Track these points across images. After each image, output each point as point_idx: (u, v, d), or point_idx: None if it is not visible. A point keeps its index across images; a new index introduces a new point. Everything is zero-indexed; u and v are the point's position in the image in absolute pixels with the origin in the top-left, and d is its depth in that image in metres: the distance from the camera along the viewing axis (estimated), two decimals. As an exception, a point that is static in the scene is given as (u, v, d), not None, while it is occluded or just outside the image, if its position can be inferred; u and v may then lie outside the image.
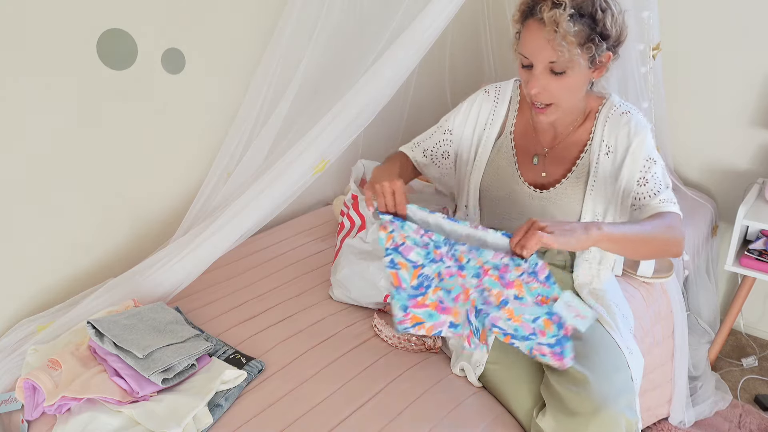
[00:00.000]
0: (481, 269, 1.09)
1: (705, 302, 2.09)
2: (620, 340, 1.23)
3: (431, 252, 1.13)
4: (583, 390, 1.08)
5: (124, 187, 1.55)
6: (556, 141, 1.34)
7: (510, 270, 1.06)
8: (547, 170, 1.34)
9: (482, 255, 1.08)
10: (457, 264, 1.12)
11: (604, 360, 1.15)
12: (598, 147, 1.28)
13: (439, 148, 1.43)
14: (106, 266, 1.57)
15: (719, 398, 1.89)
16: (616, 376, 1.13)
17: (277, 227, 1.91)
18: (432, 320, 1.17)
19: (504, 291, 1.08)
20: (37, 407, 1.13)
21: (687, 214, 2.01)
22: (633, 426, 1.09)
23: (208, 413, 1.13)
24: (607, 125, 1.28)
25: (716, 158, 2.16)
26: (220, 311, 1.47)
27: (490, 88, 1.41)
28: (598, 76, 1.23)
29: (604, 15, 1.14)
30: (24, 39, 1.25)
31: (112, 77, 1.42)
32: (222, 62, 1.66)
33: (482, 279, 1.09)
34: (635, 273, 1.62)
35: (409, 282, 1.14)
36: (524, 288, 1.06)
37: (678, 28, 2.06)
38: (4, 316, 1.39)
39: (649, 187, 1.24)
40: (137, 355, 1.16)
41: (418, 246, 1.13)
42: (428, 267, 1.14)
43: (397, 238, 1.14)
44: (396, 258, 1.13)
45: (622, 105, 1.30)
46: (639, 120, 1.27)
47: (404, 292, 1.15)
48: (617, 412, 1.06)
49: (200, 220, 1.58)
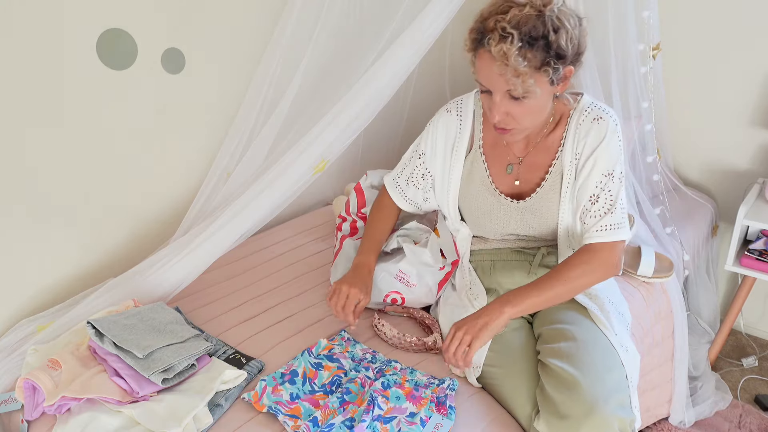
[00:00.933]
0: (399, 382, 1.19)
1: (705, 302, 2.09)
2: (614, 339, 1.22)
3: (361, 364, 1.25)
4: (573, 392, 1.08)
5: (124, 187, 1.55)
6: (528, 148, 1.32)
7: (428, 389, 1.18)
8: (521, 178, 1.33)
9: (413, 374, 1.23)
10: (376, 376, 1.21)
11: (596, 360, 1.15)
12: (569, 154, 1.27)
13: (418, 172, 1.44)
14: (106, 266, 1.57)
15: (719, 398, 1.89)
16: (608, 376, 1.12)
17: (276, 227, 1.91)
18: (305, 419, 1.12)
19: (402, 405, 1.13)
20: (37, 407, 1.13)
21: (687, 214, 2.02)
22: (627, 425, 1.08)
23: (208, 413, 1.13)
24: (577, 132, 1.26)
25: (716, 158, 2.16)
26: (220, 311, 1.47)
27: (451, 106, 1.39)
28: (562, 89, 1.20)
29: (557, 35, 1.09)
30: (24, 38, 1.25)
31: (111, 77, 1.42)
32: (222, 62, 1.66)
33: (389, 390, 1.16)
34: (635, 272, 1.61)
35: (324, 379, 1.22)
36: (425, 408, 1.13)
37: (678, 28, 2.06)
38: (5, 316, 1.39)
39: (598, 207, 1.25)
40: (137, 355, 1.16)
41: (353, 359, 1.27)
42: (349, 374, 1.23)
43: (337, 350, 1.28)
44: (323, 362, 1.25)
45: (594, 109, 1.26)
46: (608, 127, 1.23)
47: (308, 385, 1.20)
48: (609, 413, 1.05)
49: (200, 220, 1.58)
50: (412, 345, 1.33)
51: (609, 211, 1.24)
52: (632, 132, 1.85)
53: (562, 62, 1.13)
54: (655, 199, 1.93)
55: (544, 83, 1.14)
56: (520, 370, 1.20)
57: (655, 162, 1.91)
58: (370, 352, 1.30)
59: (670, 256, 1.73)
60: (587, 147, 1.25)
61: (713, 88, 2.09)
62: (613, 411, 1.06)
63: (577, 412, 1.06)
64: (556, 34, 1.10)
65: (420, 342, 1.33)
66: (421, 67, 1.54)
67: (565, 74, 1.17)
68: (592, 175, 1.25)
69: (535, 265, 1.36)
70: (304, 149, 1.45)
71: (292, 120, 1.66)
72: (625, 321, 1.34)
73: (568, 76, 1.18)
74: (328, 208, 2.06)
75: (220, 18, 1.61)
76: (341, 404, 1.14)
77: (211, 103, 1.68)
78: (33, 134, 1.33)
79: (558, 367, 1.13)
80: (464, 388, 1.25)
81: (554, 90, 1.19)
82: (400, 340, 1.33)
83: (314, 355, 1.27)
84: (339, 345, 1.31)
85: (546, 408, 1.11)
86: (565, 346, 1.18)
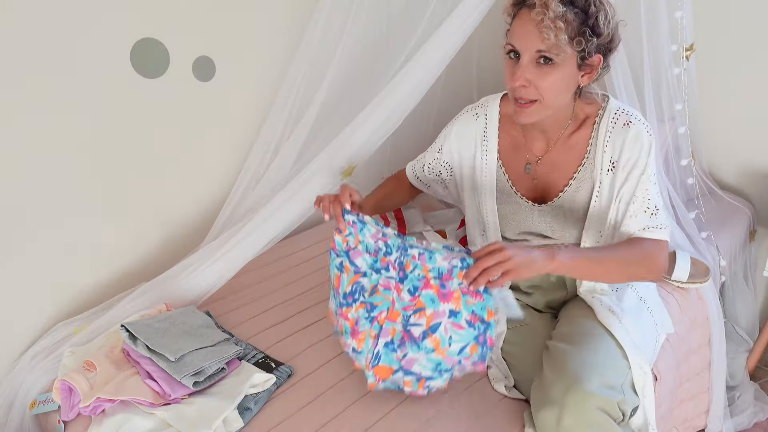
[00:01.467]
0: (423, 279, 1.10)
1: (743, 309, 2.03)
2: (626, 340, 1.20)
3: (378, 261, 1.15)
4: (559, 367, 1.10)
5: (157, 193, 1.58)
6: (548, 146, 1.30)
7: (453, 277, 1.07)
8: (539, 177, 1.31)
9: (433, 259, 1.09)
10: (399, 275, 1.13)
11: (591, 342, 1.16)
12: (600, 159, 1.24)
13: (435, 167, 1.45)
14: (140, 271, 1.60)
15: (758, 409, 1.83)
16: (596, 355, 1.13)
17: (305, 232, 1.92)
18: (345, 337, 1.18)
19: (439, 308, 1.07)
20: (72, 408, 1.16)
21: (723, 219, 1.96)
22: (613, 405, 1.06)
23: (238, 416, 1.14)
24: (609, 139, 1.23)
25: (753, 161, 2.10)
26: (249, 315, 1.48)
27: (477, 108, 1.38)
28: (587, 80, 1.18)
29: (596, 11, 1.12)
30: (61, 48, 1.29)
31: (144, 85, 1.45)
32: (251, 69, 1.68)
33: (419, 295, 1.09)
34: (669, 277, 1.57)
35: (345, 287, 1.16)
36: (462, 301, 1.06)
37: (712, 28, 2.01)
38: (42, 319, 1.43)
39: (636, 207, 1.22)
40: (169, 358, 1.18)
41: (368, 252, 1.16)
42: (368, 277, 1.16)
43: (351, 242, 1.17)
44: (344, 261, 1.17)
45: (623, 114, 1.23)
46: (640, 130, 1.21)
47: (338, 297, 1.18)
48: (590, 390, 1.04)
49: (230, 225, 1.60)
50: None
51: (654, 214, 1.22)
52: (666, 135, 1.81)
53: (595, 39, 1.13)
54: (690, 203, 1.88)
55: (573, 58, 1.13)
56: (534, 352, 1.24)
57: (689, 165, 1.86)
58: (382, 238, 1.16)
59: (706, 261, 1.68)
60: (624, 153, 1.22)
61: (749, 89, 2.03)
62: (595, 390, 1.05)
63: (558, 389, 1.07)
64: (597, 11, 1.12)
65: None
66: (449, 69, 1.53)
67: (594, 62, 1.16)
68: (630, 179, 1.22)
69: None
70: (333, 154, 1.46)
71: (320, 126, 1.67)
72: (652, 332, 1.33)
73: (595, 65, 1.17)
74: (356, 213, 2.06)
75: (250, 26, 1.63)
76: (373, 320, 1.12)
77: (240, 109, 1.70)
78: (67, 141, 1.36)
79: (552, 345, 1.18)
80: (493, 395, 1.24)
81: (579, 75, 1.17)
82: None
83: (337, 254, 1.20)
84: (350, 235, 1.18)
85: (536, 387, 1.14)
86: (564, 334, 1.22)
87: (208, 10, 1.52)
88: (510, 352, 1.31)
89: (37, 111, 1.29)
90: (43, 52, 1.26)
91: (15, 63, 1.23)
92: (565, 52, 1.11)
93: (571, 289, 1.37)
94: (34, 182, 1.33)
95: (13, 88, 1.24)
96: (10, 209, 1.31)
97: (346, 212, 1.18)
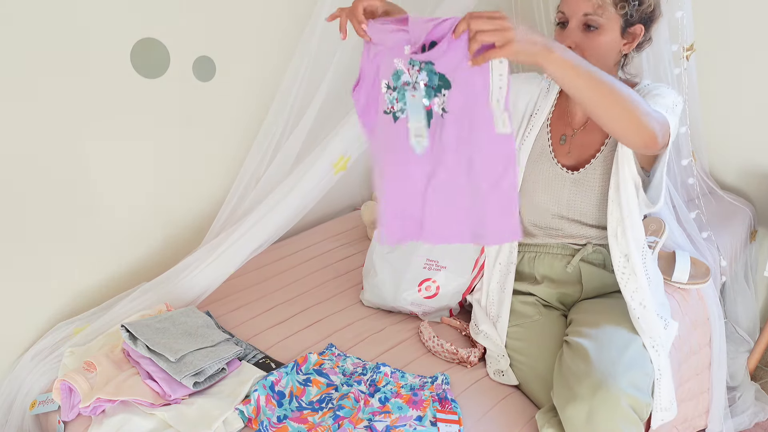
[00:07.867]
0: (395, 393, 1.17)
1: (743, 310, 2.03)
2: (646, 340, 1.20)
3: (353, 377, 1.23)
4: (586, 367, 1.08)
5: (156, 193, 1.58)
6: (585, 120, 1.34)
7: (424, 389, 1.18)
8: (572, 150, 1.34)
9: (404, 377, 1.22)
10: (369, 389, 1.19)
11: (615, 339, 1.15)
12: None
13: None
14: (140, 271, 1.60)
15: (759, 409, 1.83)
16: (625, 353, 1.12)
17: (305, 232, 1.92)
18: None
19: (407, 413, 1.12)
20: (73, 408, 1.16)
21: (724, 219, 1.96)
22: (642, 406, 1.07)
23: (238, 417, 1.14)
24: None
25: (754, 161, 2.10)
26: (250, 316, 1.48)
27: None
28: (628, 49, 1.24)
29: None
30: (61, 48, 1.29)
31: (144, 85, 1.45)
32: (251, 69, 1.68)
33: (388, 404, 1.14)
34: (670, 279, 1.57)
35: (311, 398, 1.19)
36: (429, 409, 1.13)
37: (712, 28, 2.01)
38: (43, 319, 1.42)
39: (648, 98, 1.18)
40: (169, 358, 1.18)
41: (344, 374, 1.24)
42: (339, 391, 1.20)
43: (326, 365, 1.26)
44: (312, 377, 1.23)
45: (654, 89, 1.24)
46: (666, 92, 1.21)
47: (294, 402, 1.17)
48: (619, 390, 1.04)
49: (229, 225, 1.60)
50: (445, 352, 1.32)
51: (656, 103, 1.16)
52: (666, 135, 1.81)
53: (638, 4, 1.18)
54: (690, 203, 1.88)
55: (617, 23, 1.20)
56: (543, 349, 1.24)
57: (690, 165, 1.86)
58: (361, 364, 1.27)
59: (706, 261, 1.68)
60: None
61: (750, 89, 2.03)
62: (625, 388, 1.05)
63: (587, 385, 1.06)
64: None
65: (453, 351, 1.32)
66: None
67: (636, 31, 1.22)
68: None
69: (576, 258, 1.35)
70: (325, 146, 1.46)
71: (319, 125, 1.67)
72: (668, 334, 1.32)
73: (637, 34, 1.23)
74: (356, 213, 2.07)
75: (250, 26, 1.63)
76: (335, 420, 1.12)
77: (239, 109, 1.70)
78: (67, 140, 1.36)
79: (576, 342, 1.16)
80: (501, 389, 1.26)
81: (621, 45, 1.23)
82: (434, 344, 1.33)
83: (303, 371, 1.25)
84: (329, 360, 1.28)
85: (559, 382, 1.12)
86: (588, 331, 1.20)
87: (208, 10, 1.51)
88: (516, 348, 1.30)
89: (37, 111, 1.29)
90: (43, 52, 1.26)
91: (15, 63, 1.23)
92: (609, 13, 1.17)
93: (586, 287, 1.36)
94: (34, 182, 1.33)
95: (13, 87, 1.24)
96: (10, 209, 1.31)
97: (332, 346, 1.33)
